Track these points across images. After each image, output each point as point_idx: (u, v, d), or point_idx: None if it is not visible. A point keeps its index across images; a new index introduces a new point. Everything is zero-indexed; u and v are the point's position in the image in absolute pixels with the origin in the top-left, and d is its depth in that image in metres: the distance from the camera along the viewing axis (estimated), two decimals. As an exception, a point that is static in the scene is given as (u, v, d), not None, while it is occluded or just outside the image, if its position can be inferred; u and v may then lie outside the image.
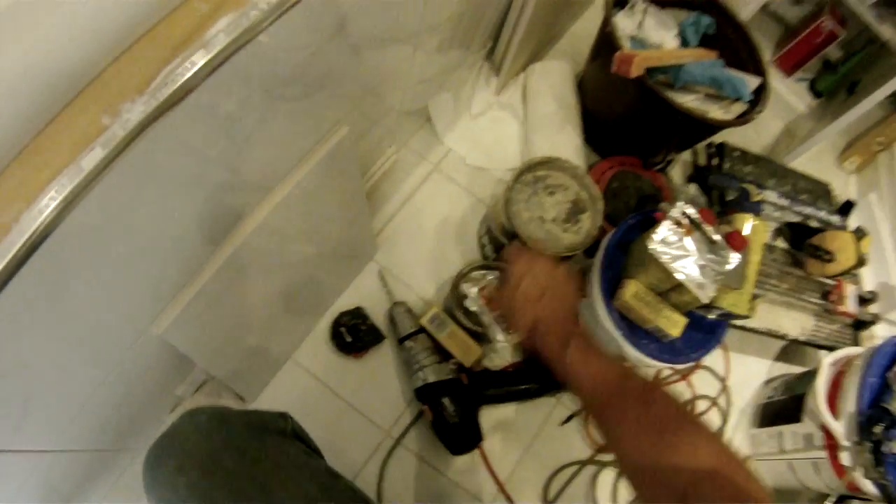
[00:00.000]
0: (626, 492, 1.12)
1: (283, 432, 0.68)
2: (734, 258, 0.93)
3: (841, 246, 1.24)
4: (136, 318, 0.65)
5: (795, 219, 1.36)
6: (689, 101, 1.21)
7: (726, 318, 1.05)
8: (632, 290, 0.96)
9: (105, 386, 0.68)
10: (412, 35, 0.87)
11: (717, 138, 1.37)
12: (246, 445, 0.62)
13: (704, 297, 0.91)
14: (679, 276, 0.90)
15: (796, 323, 1.27)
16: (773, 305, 1.26)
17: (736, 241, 0.95)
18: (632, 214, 1.06)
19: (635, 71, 1.07)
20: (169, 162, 0.52)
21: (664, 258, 0.90)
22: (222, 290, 0.74)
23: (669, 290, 0.97)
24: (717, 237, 0.93)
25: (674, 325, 0.98)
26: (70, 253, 0.47)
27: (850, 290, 1.30)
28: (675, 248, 0.91)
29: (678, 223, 0.92)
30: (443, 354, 1.02)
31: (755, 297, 1.06)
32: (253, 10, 0.43)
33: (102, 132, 0.42)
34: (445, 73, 1.17)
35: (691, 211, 0.92)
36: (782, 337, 1.25)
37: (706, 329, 1.04)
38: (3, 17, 0.37)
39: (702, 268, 0.91)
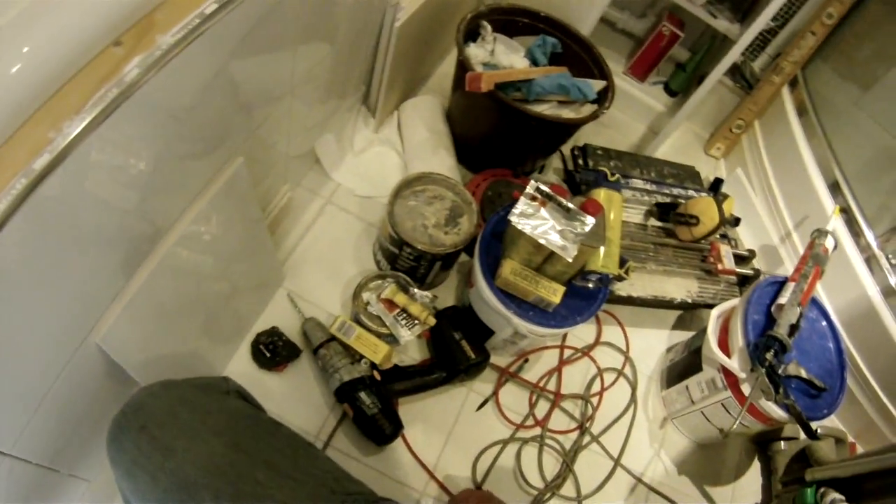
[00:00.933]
0: (551, 463, 1.38)
1: (227, 392, 0.92)
2: (589, 220, 1.23)
3: (703, 209, 1.57)
4: (73, 325, 0.87)
5: (665, 199, 1.70)
6: (543, 109, 1.54)
7: (604, 284, 1.34)
8: (509, 268, 1.24)
9: (51, 397, 0.89)
10: (292, 88, 1.18)
11: (581, 142, 1.72)
12: (197, 400, 0.83)
13: (568, 256, 1.18)
14: (542, 241, 1.18)
15: (681, 287, 1.58)
16: (656, 275, 1.57)
17: (590, 207, 1.26)
18: (502, 207, 1.37)
19: (485, 86, 1.39)
20: (81, 209, 0.76)
21: (526, 228, 1.19)
22: (150, 311, 0.98)
23: (543, 263, 1.25)
24: (570, 205, 1.23)
25: (553, 292, 1.26)
26: (16, 250, 0.69)
27: (724, 250, 1.63)
28: (535, 218, 1.20)
29: (533, 198, 1.22)
30: (354, 357, 1.27)
31: (625, 260, 1.37)
32: (157, 51, 0.73)
33: (50, 142, 0.69)
34: (327, 118, 1.48)
35: (543, 186, 1.23)
36: (670, 302, 1.56)
37: (588, 296, 1.33)
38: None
39: (561, 232, 1.21)
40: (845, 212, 1.64)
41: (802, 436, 1.32)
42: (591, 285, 1.33)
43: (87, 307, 0.88)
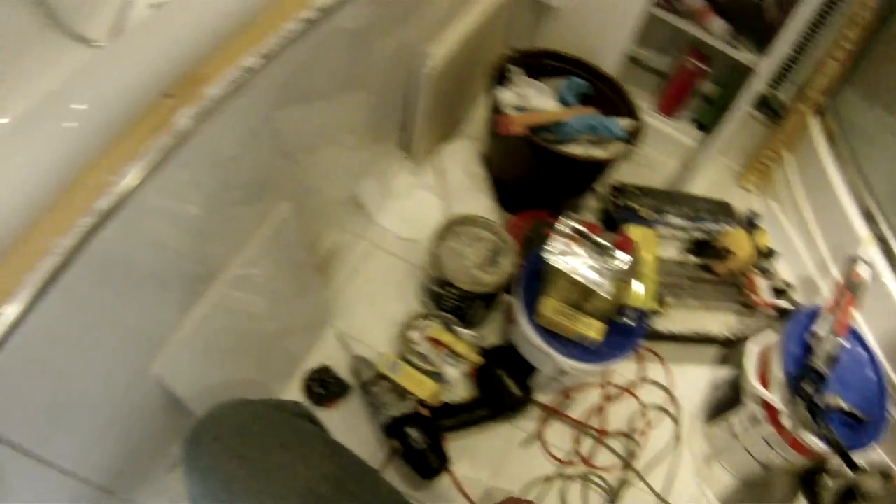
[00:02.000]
0: (596, 500, 1.44)
1: (299, 414, 1.00)
2: (624, 256, 1.31)
3: (735, 241, 1.65)
4: (134, 359, 0.97)
5: (701, 236, 1.77)
6: (575, 149, 1.64)
7: (642, 319, 1.41)
8: (549, 306, 1.33)
9: (113, 423, 0.99)
10: (332, 135, 1.29)
11: (617, 180, 1.81)
12: (270, 416, 0.92)
13: (603, 291, 1.27)
14: (577, 278, 1.27)
15: (720, 322, 1.65)
16: (694, 311, 1.64)
17: (623, 244, 1.34)
18: (539, 246, 1.46)
19: (516, 129, 1.50)
20: (139, 252, 0.86)
21: (562, 266, 1.28)
22: (205, 346, 1.08)
23: (582, 300, 1.33)
24: (605, 242, 1.31)
25: (593, 329, 1.33)
26: (84, 280, 0.77)
27: (761, 283, 1.69)
28: (570, 256, 1.28)
29: (566, 235, 1.30)
30: (402, 393, 1.36)
31: (662, 296, 1.45)
32: (205, 102, 0.83)
33: (110, 185, 0.75)
34: (367, 164, 1.60)
35: (575, 224, 1.32)
36: (710, 338, 1.63)
37: (627, 333, 1.40)
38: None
39: (595, 268, 1.29)
40: (883, 241, 1.69)
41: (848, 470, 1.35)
42: (629, 321, 1.41)
43: (147, 340, 0.98)
